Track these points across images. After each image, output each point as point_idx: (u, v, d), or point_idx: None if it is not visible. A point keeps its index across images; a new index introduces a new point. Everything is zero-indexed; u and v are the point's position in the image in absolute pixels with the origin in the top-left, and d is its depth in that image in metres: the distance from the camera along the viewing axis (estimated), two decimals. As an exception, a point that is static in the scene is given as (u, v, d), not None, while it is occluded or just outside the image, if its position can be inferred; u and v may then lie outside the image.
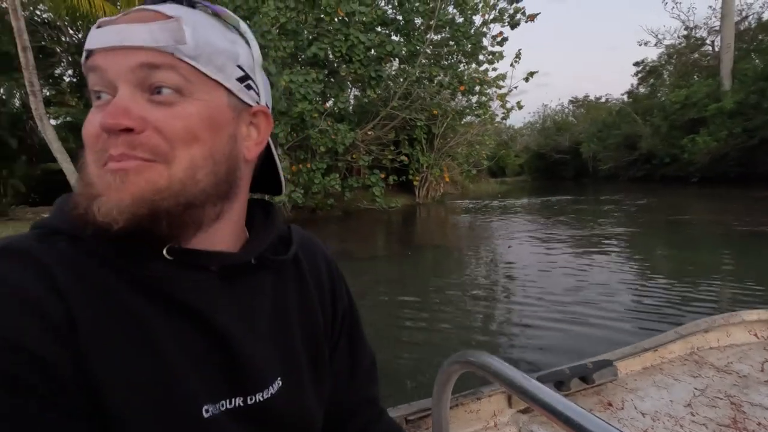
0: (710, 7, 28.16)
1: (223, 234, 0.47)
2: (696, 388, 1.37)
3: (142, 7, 0.42)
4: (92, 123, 0.40)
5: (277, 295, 0.51)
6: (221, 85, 0.43)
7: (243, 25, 0.47)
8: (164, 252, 0.42)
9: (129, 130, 0.39)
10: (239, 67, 0.45)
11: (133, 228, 0.38)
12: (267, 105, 0.50)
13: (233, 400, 0.43)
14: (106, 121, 0.38)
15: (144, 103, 0.40)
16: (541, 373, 1.33)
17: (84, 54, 0.42)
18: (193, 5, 0.44)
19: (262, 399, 0.45)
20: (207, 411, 0.41)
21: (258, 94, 0.48)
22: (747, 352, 1.59)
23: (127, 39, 0.40)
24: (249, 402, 0.45)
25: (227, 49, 0.43)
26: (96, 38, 0.41)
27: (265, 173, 0.54)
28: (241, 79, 0.45)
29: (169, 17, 0.41)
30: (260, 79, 0.48)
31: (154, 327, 0.40)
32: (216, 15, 0.45)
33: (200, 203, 0.42)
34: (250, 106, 0.47)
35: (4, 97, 14.89)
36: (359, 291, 5.19)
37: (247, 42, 0.47)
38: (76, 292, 0.38)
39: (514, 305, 4.54)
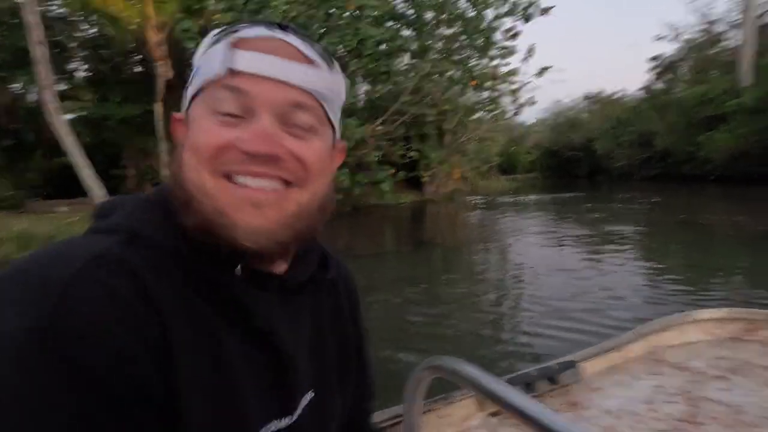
0: None
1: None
2: (655, 386, 1.42)
3: (284, 39, 0.44)
4: (217, 136, 0.41)
5: (315, 311, 0.55)
6: (332, 126, 0.49)
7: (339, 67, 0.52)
8: (237, 270, 0.44)
9: (275, 157, 0.42)
10: (341, 108, 0.51)
11: (272, 250, 0.42)
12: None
13: (282, 420, 0.46)
14: (258, 149, 0.41)
15: (282, 133, 0.43)
16: (510, 376, 1.37)
17: (221, 69, 0.42)
18: (317, 48, 0.48)
19: (301, 412, 0.48)
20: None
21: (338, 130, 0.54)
22: (700, 350, 1.66)
23: (287, 75, 0.42)
24: (294, 420, 0.47)
25: (340, 95, 0.50)
26: (247, 61, 0.42)
27: None
28: (339, 120, 0.51)
29: (319, 64, 0.45)
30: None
31: (229, 345, 0.42)
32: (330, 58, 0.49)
33: (315, 224, 0.47)
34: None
35: (23, 91, 15.21)
36: (362, 287, 5.18)
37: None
38: (169, 309, 0.38)
39: (514, 308, 4.53)
